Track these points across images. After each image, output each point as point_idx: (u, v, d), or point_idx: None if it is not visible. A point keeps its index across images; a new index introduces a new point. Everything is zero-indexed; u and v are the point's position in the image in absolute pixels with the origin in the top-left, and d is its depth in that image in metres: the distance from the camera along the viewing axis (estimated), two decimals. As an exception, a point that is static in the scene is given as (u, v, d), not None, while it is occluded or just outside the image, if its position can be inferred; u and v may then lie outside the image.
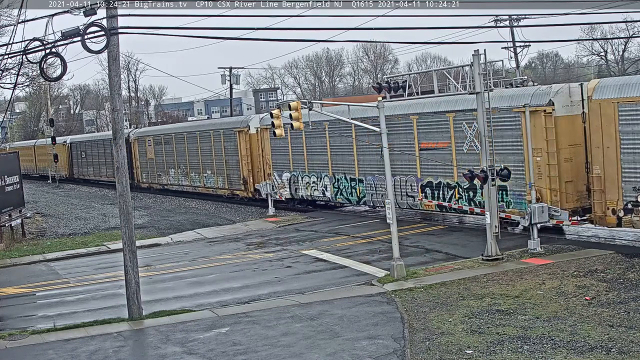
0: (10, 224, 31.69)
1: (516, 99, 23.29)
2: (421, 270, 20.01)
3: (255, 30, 20.54)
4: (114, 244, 28.40)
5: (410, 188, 27.89)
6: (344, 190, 31.52)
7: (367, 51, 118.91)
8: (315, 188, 33.32)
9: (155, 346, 15.20)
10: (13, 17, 31.23)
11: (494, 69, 33.74)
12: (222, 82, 65.66)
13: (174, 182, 47.20)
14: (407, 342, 13.79)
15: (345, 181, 31.38)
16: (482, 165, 20.76)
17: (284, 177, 35.45)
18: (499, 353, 12.83)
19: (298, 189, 34.59)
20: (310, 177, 33.64)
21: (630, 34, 67.66)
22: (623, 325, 13.80)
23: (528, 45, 54.44)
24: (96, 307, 19.20)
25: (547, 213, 21.46)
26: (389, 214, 19.81)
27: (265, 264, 23.27)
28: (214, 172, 41.93)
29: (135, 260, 17.88)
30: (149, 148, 50.21)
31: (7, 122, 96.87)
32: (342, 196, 31.72)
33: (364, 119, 24.98)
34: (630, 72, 71.92)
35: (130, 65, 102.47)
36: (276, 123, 21.89)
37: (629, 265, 18.48)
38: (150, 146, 49.89)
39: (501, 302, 16.02)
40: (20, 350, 15.62)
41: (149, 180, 50.95)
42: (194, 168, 44.40)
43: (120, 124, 18.03)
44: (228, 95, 68.53)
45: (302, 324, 15.76)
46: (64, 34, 16.69)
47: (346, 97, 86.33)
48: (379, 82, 31.22)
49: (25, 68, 30.43)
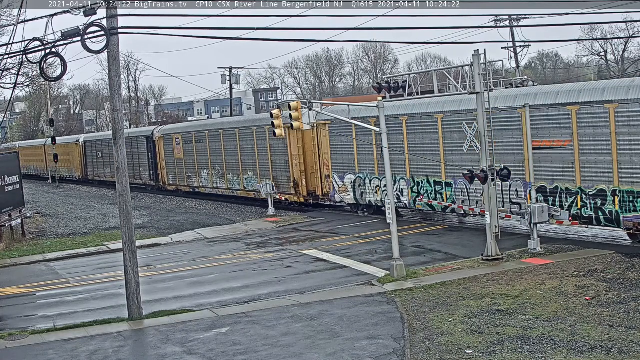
0: (10, 224, 31.69)
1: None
2: (421, 270, 20.01)
3: (255, 30, 20.61)
4: (114, 244, 28.40)
5: (515, 194, 23.83)
6: (425, 195, 27.24)
7: (367, 51, 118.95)
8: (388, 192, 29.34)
9: (155, 346, 15.20)
10: (13, 17, 31.27)
11: (494, 69, 33.75)
12: (222, 82, 65.76)
13: (207, 185, 42.91)
14: (407, 342, 13.79)
15: (428, 185, 27.11)
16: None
17: (347, 180, 31.36)
18: (499, 353, 12.83)
19: (365, 193, 30.43)
20: (382, 180, 28.88)
21: (630, 34, 67.65)
22: (623, 325, 13.80)
23: (528, 45, 54.56)
24: (96, 307, 19.20)
25: (547, 213, 21.45)
26: (389, 214, 19.82)
27: (265, 264, 23.27)
28: (256, 173, 37.72)
29: (135, 260, 17.88)
30: (177, 147, 45.97)
31: (7, 122, 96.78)
32: (422, 202, 27.39)
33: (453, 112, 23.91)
34: (630, 72, 71.91)
35: (130, 65, 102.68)
36: (276, 123, 21.96)
37: (629, 265, 18.48)
38: (179, 145, 45.51)
39: (501, 302, 16.02)
40: (20, 350, 15.62)
41: (176, 182, 46.90)
42: (232, 169, 40.14)
43: (120, 124, 18.03)
44: (228, 95, 68.58)
45: (302, 324, 15.76)
46: (64, 34, 16.69)
47: (347, 96, 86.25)
48: (379, 82, 31.09)
49: (25, 68, 30.47)
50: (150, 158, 50.03)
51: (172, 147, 46.73)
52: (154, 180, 49.95)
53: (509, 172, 20.79)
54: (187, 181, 45.20)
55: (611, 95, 20.77)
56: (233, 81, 64.89)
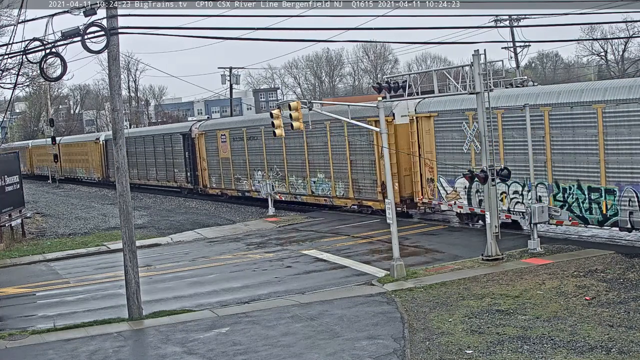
0: (10, 224, 31.70)
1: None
2: (421, 270, 20.01)
3: (255, 30, 20.63)
4: (114, 244, 28.39)
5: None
6: (575, 204, 21.74)
7: (367, 51, 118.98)
8: (519, 201, 23.45)
9: (155, 346, 15.20)
10: (13, 17, 31.26)
11: (494, 69, 33.74)
12: (222, 82, 65.75)
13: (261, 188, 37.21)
14: (407, 342, 13.79)
15: (579, 192, 21.55)
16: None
17: (458, 185, 25.80)
18: (499, 353, 12.83)
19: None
20: (510, 185, 23.71)
21: (630, 34, 67.69)
22: (623, 325, 13.79)
23: (528, 45, 54.57)
24: (96, 307, 19.21)
25: (547, 213, 21.46)
26: (388, 214, 19.82)
27: (265, 264, 23.27)
28: (329, 176, 32.25)
29: (135, 260, 17.88)
30: (222, 145, 40.31)
31: (7, 122, 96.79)
32: (570, 212, 21.87)
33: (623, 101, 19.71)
34: (630, 73, 71.92)
35: (130, 65, 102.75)
36: (276, 123, 21.83)
37: (629, 265, 18.48)
38: (225, 142, 39.94)
39: (501, 302, 16.02)
40: (20, 350, 15.62)
41: (220, 185, 41.42)
42: (295, 170, 34.54)
43: (120, 124, 18.05)
44: (228, 95, 68.58)
45: (302, 324, 15.76)
46: (64, 34, 16.70)
47: (347, 97, 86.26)
48: (379, 82, 30.97)
49: (25, 68, 30.45)
50: (187, 157, 44.87)
51: (216, 145, 41.16)
52: (192, 182, 44.89)
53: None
54: (236, 184, 39.84)
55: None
56: (233, 81, 64.89)
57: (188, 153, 44.63)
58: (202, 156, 42.91)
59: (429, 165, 27.01)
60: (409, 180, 28.32)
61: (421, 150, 27.35)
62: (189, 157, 44.54)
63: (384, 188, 24.83)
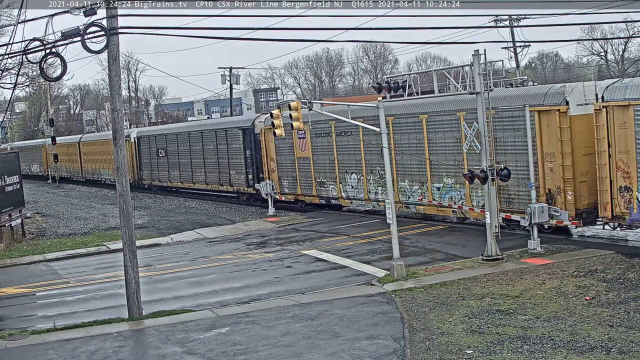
0: (10, 224, 31.70)
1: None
2: (421, 270, 20.01)
3: (255, 30, 20.62)
4: (114, 244, 28.39)
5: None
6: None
7: (367, 51, 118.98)
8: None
9: (155, 346, 15.20)
10: (13, 17, 31.29)
11: (494, 69, 33.73)
12: (222, 82, 65.75)
13: (356, 195, 30.94)
14: (407, 342, 13.80)
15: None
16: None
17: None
18: (499, 353, 12.83)
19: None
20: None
21: (630, 34, 67.75)
22: (623, 325, 13.80)
23: (528, 45, 54.55)
24: (96, 307, 19.21)
25: (547, 213, 21.45)
26: (388, 214, 19.81)
27: (265, 264, 23.27)
28: (458, 180, 25.62)
29: (135, 260, 17.89)
30: (299, 141, 33.87)
31: (7, 122, 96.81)
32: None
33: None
34: (630, 73, 71.92)
35: (130, 65, 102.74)
36: (276, 123, 21.75)
37: (629, 265, 18.48)
38: (304, 138, 33.45)
39: (501, 302, 16.02)
40: (20, 350, 15.62)
41: (296, 191, 34.68)
42: (407, 173, 28.01)
43: (120, 124, 18.03)
44: (228, 95, 68.57)
45: (302, 324, 15.76)
46: (64, 34, 16.70)
47: (347, 97, 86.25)
48: (379, 82, 30.95)
49: (25, 68, 30.50)
50: (248, 157, 37.85)
51: (290, 142, 34.31)
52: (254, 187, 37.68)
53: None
54: (318, 189, 33.24)
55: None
56: (233, 81, 64.89)
57: (249, 152, 37.73)
58: (270, 155, 35.99)
59: (622, 169, 20.55)
60: (585, 187, 22.22)
61: (614, 149, 20.72)
62: (251, 157, 37.61)
63: (551, 197, 22.21)
